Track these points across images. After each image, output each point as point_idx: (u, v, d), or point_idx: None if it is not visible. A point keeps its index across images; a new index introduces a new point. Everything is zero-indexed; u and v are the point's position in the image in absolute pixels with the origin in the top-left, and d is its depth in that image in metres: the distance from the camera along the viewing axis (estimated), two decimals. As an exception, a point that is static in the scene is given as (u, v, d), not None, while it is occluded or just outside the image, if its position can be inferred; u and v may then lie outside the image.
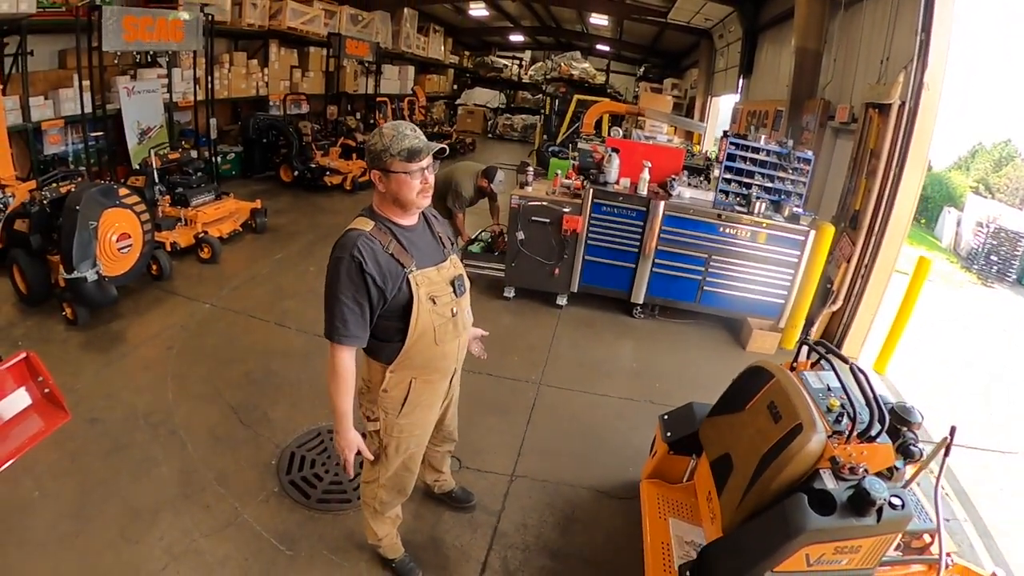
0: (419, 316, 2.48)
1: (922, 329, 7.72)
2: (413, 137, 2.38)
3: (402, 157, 2.36)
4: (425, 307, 2.49)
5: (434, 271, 2.54)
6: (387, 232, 2.46)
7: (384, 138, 2.37)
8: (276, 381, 4.94)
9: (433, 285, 2.52)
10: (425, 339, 2.54)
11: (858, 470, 2.46)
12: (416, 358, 2.58)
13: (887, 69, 6.75)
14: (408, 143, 2.36)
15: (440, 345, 2.60)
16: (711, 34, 16.97)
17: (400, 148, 2.35)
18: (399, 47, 18.28)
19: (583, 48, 26.88)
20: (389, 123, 2.46)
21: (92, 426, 4.14)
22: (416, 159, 2.38)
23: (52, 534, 3.27)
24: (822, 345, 3.08)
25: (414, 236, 2.54)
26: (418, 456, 2.93)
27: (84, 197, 5.24)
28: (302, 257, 7.92)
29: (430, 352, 2.59)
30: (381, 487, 2.91)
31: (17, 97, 7.51)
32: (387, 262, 2.40)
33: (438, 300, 2.54)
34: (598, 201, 6.50)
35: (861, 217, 6.28)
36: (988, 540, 4.14)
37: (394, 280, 2.42)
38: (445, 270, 2.61)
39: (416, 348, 2.54)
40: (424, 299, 2.48)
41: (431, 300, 2.51)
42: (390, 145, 2.35)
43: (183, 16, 8.65)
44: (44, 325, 5.45)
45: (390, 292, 2.42)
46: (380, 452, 2.79)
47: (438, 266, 2.58)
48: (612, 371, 5.78)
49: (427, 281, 2.50)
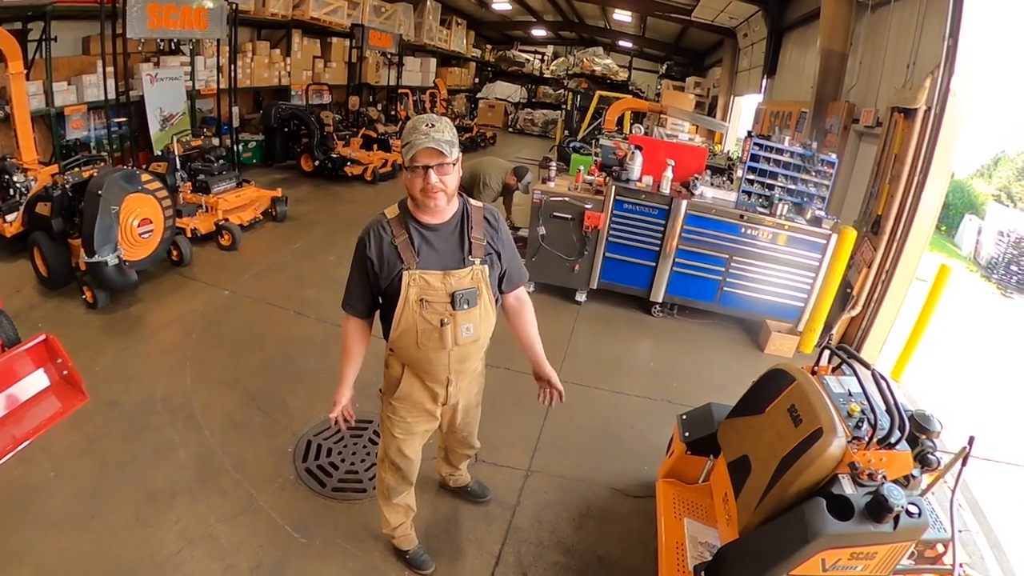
0: (402, 314, 2.47)
1: (941, 337, 7.64)
2: (422, 133, 2.29)
3: (406, 154, 2.33)
4: (411, 307, 2.45)
5: (438, 276, 2.45)
6: (402, 225, 2.45)
7: (405, 133, 2.36)
8: (294, 369, 4.97)
9: (429, 289, 2.44)
10: (406, 338, 2.52)
11: (877, 477, 2.44)
12: (402, 352, 2.61)
13: (913, 73, 6.67)
14: (412, 138, 2.31)
15: (422, 350, 2.54)
16: (735, 33, 16.82)
17: (406, 142, 2.34)
18: (421, 39, 18.32)
19: (606, 44, 26.73)
20: (417, 116, 2.45)
21: (110, 409, 4.18)
22: (410, 154, 2.31)
23: (67, 515, 3.31)
24: (843, 350, 3.05)
25: (434, 236, 2.47)
26: (411, 444, 2.89)
27: (106, 182, 5.29)
28: (322, 246, 7.96)
29: (413, 352, 2.57)
30: (385, 470, 2.96)
31: (40, 82, 7.61)
32: (389, 252, 2.44)
33: (429, 306, 2.46)
34: (620, 198, 6.48)
35: (883, 222, 6.21)
36: (999, 552, 4.10)
37: (389, 270, 2.45)
38: (454, 278, 2.47)
39: (400, 343, 2.56)
40: (412, 300, 2.44)
41: (420, 302, 2.45)
42: (404, 139, 2.35)
43: (207, 4, 8.70)
44: (64, 308, 5.51)
45: (384, 279, 2.47)
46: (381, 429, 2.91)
47: (448, 271, 2.47)
48: (630, 369, 5.76)
49: (423, 283, 2.43)
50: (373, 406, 4.39)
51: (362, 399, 4.50)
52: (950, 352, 7.85)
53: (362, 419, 4.35)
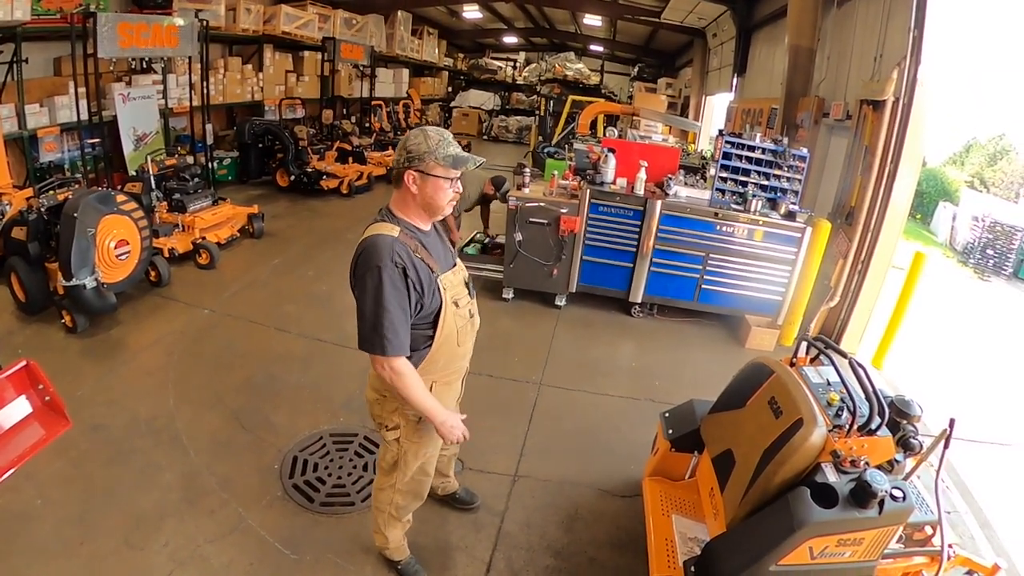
0: (446, 320, 2.50)
1: (919, 324, 7.74)
2: (457, 146, 2.41)
3: (447, 163, 2.35)
4: (451, 311, 2.51)
5: (451, 274, 2.56)
6: (413, 237, 2.42)
7: (430, 140, 2.35)
8: (277, 386, 4.94)
9: (455, 288, 2.55)
10: (449, 342, 2.56)
11: (859, 463, 2.48)
12: (439, 361, 2.59)
13: (880, 66, 6.78)
14: (454, 150, 2.37)
15: (461, 346, 2.64)
16: (705, 33, 17.02)
17: (446, 154, 2.34)
18: (393, 50, 18.31)
19: (577, 49, 26.94)
20: (432, 127, 2.47)
21: (94, 433, 4.14)
22: (460, 166, 2.39)
23: (56, 542, 3.26)
24: (821, 340, 3.09)
25: (431, 241, 2.53)
26: (434, 459, 2.93)
27: (82, 204, 5.23)
28: (300, 261, 7.92)
29: (452, 354, 2.61)
30: (398, 492, 2.91)
31: (12, 105, 7.52)
32: (421, 267, 2.38)
33: (460, 303, 2.57)
34: (595, 201, 6.52)
35: (857, 213, 6.30)
36: (989, 531, 4.17)
37: (429, 285, 2.41)
38: (458, 273, 2.63)
39: (441, 352, 2.55)
40: (450, 303, 2.50)
41: (455, 304, 2.53)
42: (436, 148, 2.33)
43: (178, 22, 8.66)
44: (43, 333, 5.44)
45: (427, 298, 2.41)
46: (399, 459, 2.78)
47: (452, 270, 2.59)
48: (612, 370, 5.79)
49: (450, 285, 2.52)
50: (359, 419, 4.44)
51: (346, 413, 4.53)
52: (931, 338, 7.97)
53: (348, 432, 4.36)
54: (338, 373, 5.08)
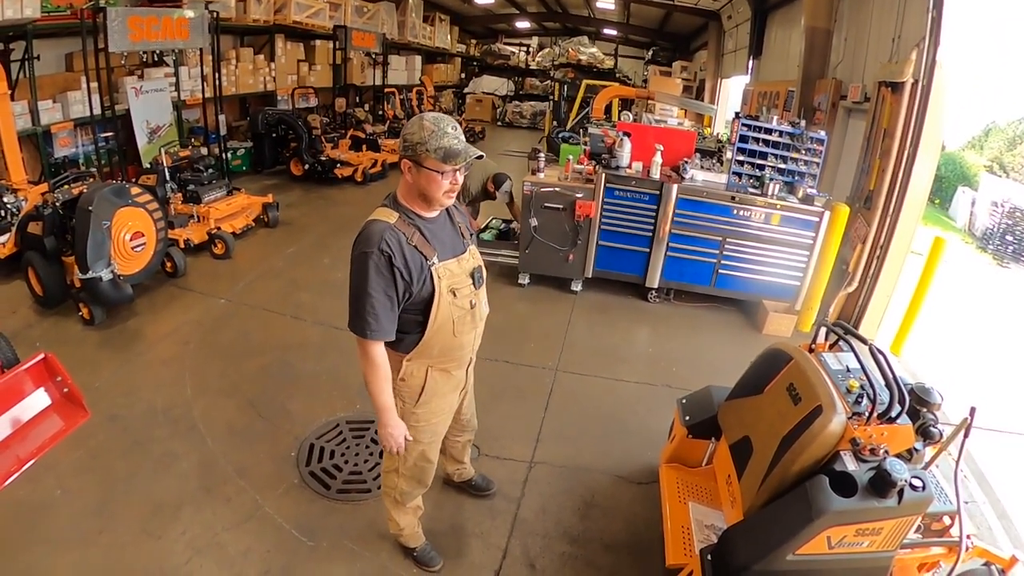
0: (439, 309, 2.47)
1: (938, 310, 7.65)
2: (453, 137, 2.31)
3: (438, 156, 2.28)
4: (446, 300, 2.48)
5: (455, 263, 2.52)
6: (411, 224, 2.41)
7: (423, 131, 2.29)
8: (293, 374, 4.97)
9: (454, 277, 2.51)
10: (443, 331, 2.53)
11: (879, 451, 2.44)
12: (434, 348, 2.57)
13: (899, 47, 6.66)
14: (447, 143, 2.28)
15: (458, 336, 2.60)
16: (719, 15, 16.78)
17: (438, 146, 2.28)
18: (405, 37, 18.24)
19: (590, 33, 26.65)
20: (431, 114, 2.37)
21: (112, 423, 4.18)
22: (451, 161, 2.30)
23: (75, 531, 3.31)
24: (840, 326, 3.04)
25: (435, 227, 2.51)
26: (435, 446, 2.92)
27: (96, 197, 5.27)
28: (315, 250, 7.95)
29: (448, 343, 2.59)
30: (401, 477, 2.92)
31: (25, 102, 7.55)
32: (412, 255, 2.37)
33: (458, 292, 2.52)
34: (611, 186, 6.47)
35: (876, 197, 6.21)
36: (1007, 522, 4.10)
37: (419, 273, 2.39)
38: (465, 261, 2.59)
39: (434, 339, 2.54)
40: (445, 292, 2.47)
41: (452, 293, 2.50)
42: (428, 139, 2.28)
43: (188, 14, 8.66)
44: (61, 326, 5.50)
45: (416, 286, 2.40)
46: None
47: (459, 258, 2.56)
48: (628, 356, 5.77)
49: (448, 273, 2.48)
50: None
51: (363, 400, 4.53)
52: (949, 325, 7.86)
53: (364, 419, 4.37)
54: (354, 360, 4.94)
